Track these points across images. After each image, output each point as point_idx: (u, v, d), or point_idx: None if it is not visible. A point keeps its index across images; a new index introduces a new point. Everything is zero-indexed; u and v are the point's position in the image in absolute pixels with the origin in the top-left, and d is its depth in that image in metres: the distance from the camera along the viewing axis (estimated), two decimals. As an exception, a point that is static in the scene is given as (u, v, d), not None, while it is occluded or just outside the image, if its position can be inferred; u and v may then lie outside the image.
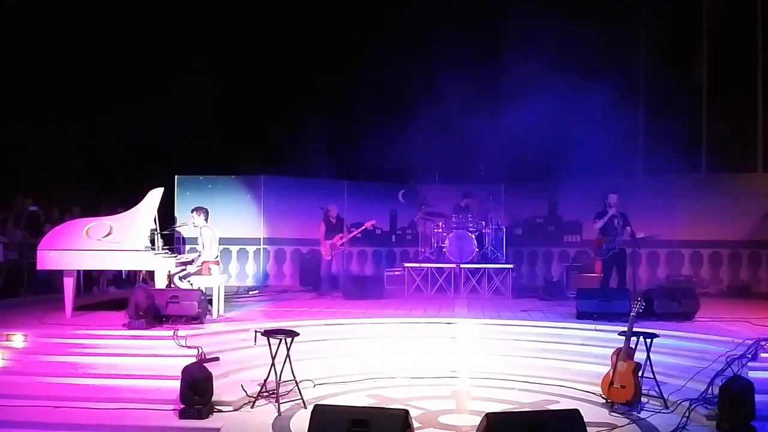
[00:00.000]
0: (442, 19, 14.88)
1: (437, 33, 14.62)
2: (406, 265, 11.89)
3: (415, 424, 4.79)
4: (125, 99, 14.37)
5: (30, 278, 10.67)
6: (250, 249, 13.42)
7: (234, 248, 13.30)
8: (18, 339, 7.08)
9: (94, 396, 5.98)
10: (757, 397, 5.26)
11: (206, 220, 9.00)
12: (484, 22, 14.46)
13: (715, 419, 5.36)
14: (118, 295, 10.68)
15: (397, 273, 12.38)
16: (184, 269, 8.69)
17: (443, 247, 11.57)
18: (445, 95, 13.05)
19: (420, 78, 14.51)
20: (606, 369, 6.10)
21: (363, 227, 11.56)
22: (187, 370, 5.69)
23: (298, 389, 6.04)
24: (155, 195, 8.51)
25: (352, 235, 11.56)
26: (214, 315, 8.47)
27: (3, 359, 6.76)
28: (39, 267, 8.41)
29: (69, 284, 8.21)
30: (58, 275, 8.86)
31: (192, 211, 9.08)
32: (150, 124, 13.77)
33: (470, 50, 13.64)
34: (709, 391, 5.71)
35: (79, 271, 9.49)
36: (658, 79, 14.78)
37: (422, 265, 11.72)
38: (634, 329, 6.08)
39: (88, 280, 11.66)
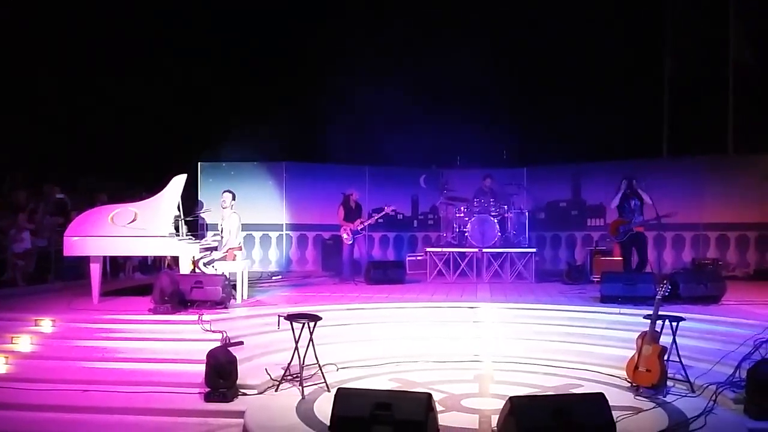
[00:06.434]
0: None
1: (456, 17, 14.50)
2: (428, 249, 11.86)
3: (438, 408, 4.79)
4: (149, 86, 14.51)
5: (58, 264, 10.82)
6: (273, 235, 13.47)
7: (257, 234, 13.37)
8: (47, 324, 7.22)
9: (121, 379, 6.08)
10: (786, 381, 5.16)
11: (232, 205, 9.10)
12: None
13: (742, 403, 5.30)
14: (143, 281, 10.82)
15: (419, 258, 12.34)
16: (208, 255, 8.77)
17: (465, 232, 11.50)
18: (466, 80, 12.94)
19: (443, 61, 14.39)
20: (631, 353, 6.04)
21: (383, 212, 11.56)
22: (212, 354, 5.75)
23: (322, 373, 6.07)
24: (179, 181, 8.60)
25: (372, 220, 11.57)
26: (238, 300, 8.56)
27: (32, 344, 6.87)
28: (66, 253, 8.56)
29: (95, 270, 8.34)
30: (85, 261, 8.99)
31: (224, 192, 9.21)
32: (173, 110, 13.85)
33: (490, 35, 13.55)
34: (737, 374, 5.63)
35: (105, 258, 9.62)
36: (684, 59, 14.52)
37: (444, 249, 11.67)
38: (660, 312, 6.01)
39: (115, 266, 11.80)
